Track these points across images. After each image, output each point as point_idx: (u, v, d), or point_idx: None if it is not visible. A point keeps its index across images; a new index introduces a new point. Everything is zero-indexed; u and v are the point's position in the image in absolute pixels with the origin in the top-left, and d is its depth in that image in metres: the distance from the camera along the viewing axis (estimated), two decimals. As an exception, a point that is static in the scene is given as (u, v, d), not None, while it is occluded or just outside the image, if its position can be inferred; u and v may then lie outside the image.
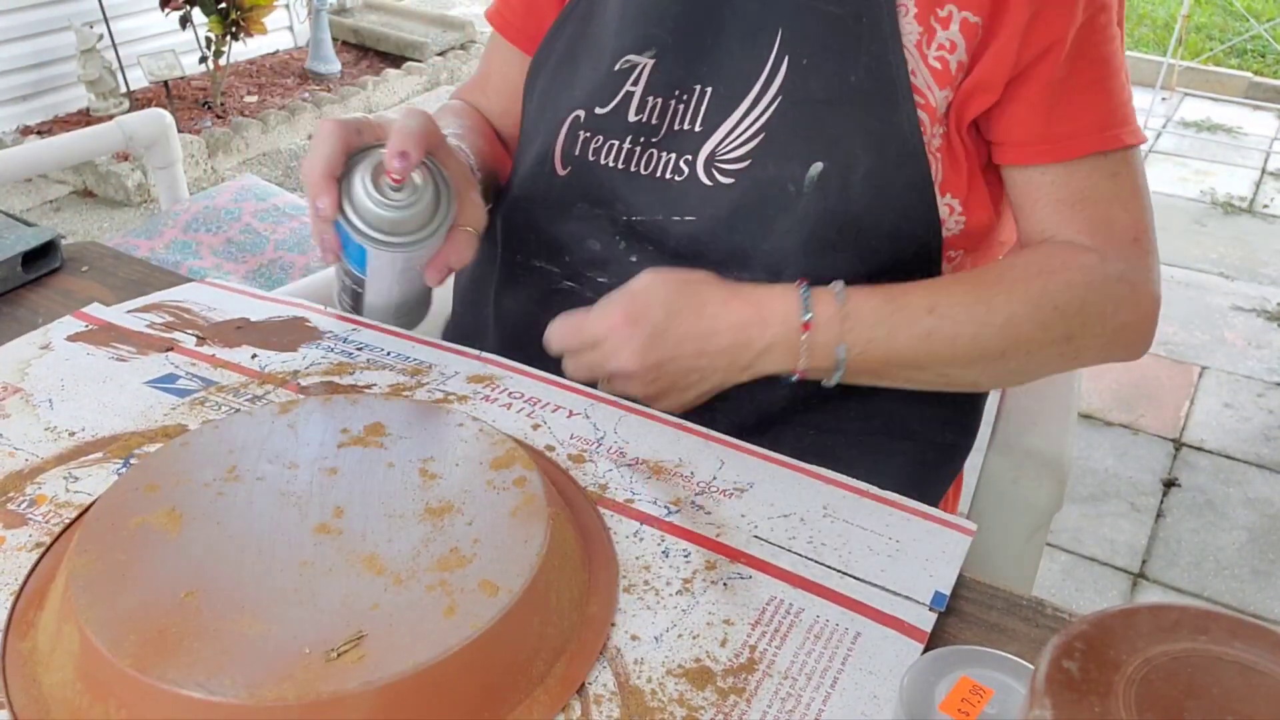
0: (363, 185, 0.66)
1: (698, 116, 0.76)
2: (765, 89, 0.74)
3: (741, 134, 0.74)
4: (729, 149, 0.75)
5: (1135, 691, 0.28)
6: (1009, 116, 0.73)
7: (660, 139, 0.76)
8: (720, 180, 0.75)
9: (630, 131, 0.77)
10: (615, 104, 0.77)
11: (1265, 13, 5.10)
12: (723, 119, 0.75)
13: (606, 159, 0.78)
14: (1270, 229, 3.22)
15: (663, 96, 0.76)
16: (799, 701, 0.46)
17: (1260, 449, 2.18)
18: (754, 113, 0.74)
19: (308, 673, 0.42)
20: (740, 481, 0.60)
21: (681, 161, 0.76)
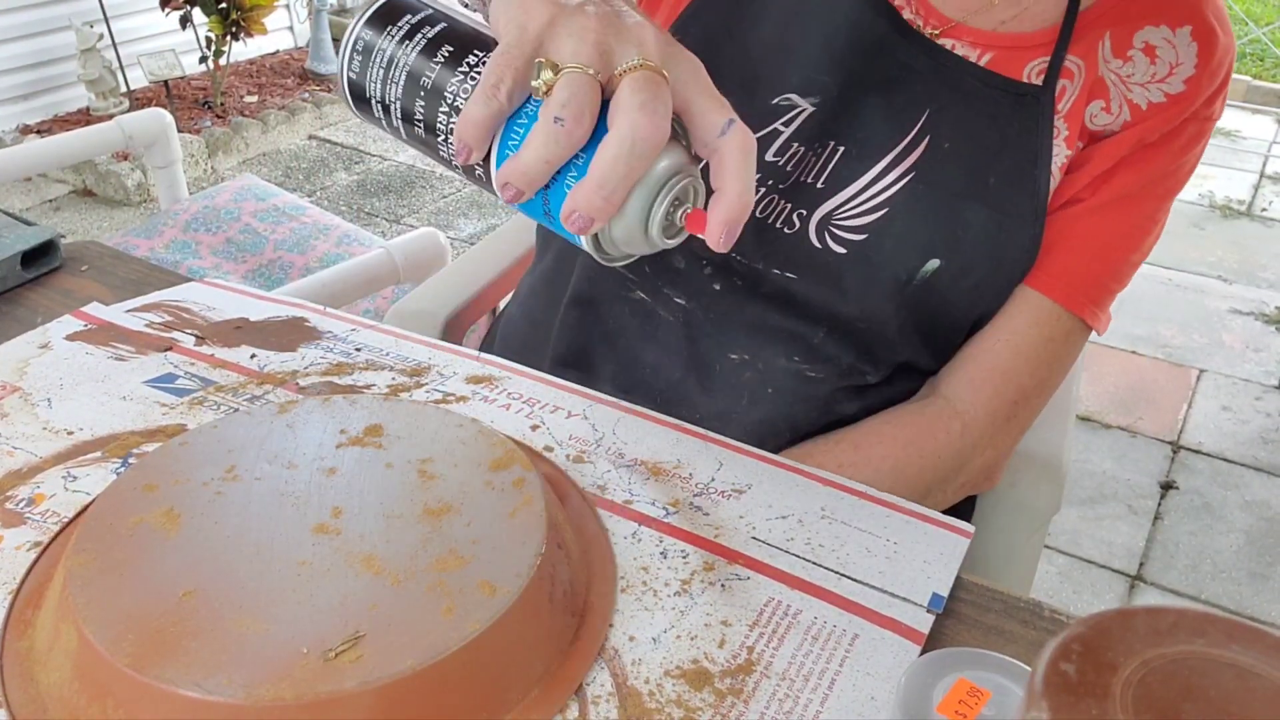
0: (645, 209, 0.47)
1: (824, 173, 0.73)
2: (898, 161, 0.72)
3: (863, 203, 0.72)
4: (847, 214, 0.72)
5: (1132, 694, 0.28)
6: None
7: (785, 186, 0.73)
8: (831, 246, 0.72)
9: (763, 169, 0.72)
10: (761, 136, 0.72)
11: (1264, 16, 5.11)
12: (848, 182, 0.72)
13: None
14: (1269, 232, 3.22)
15: (805, 146, 0.73)
16: (797, 703, 0.46)
17: (1258, 452, 2.19)
18: (881, 183, 0.72)
19: (305, 673, 0.42)
20: (739, 483, 0.60)
21: (795, 215, 0.73)
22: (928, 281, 0.71)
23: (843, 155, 0.73)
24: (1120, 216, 0.74)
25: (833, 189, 0.73)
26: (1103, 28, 0.73)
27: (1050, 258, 0.74)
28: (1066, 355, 0.77)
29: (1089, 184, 0.74)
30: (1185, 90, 0.73)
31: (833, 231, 0.73)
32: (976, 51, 0.74)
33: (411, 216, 3.09)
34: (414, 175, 3.38)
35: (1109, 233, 0.74)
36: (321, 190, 3.31)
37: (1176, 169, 0.75)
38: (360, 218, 3.12)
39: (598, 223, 0.46)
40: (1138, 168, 0.74)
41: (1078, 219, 0.74)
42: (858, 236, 0.72)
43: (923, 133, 0.72)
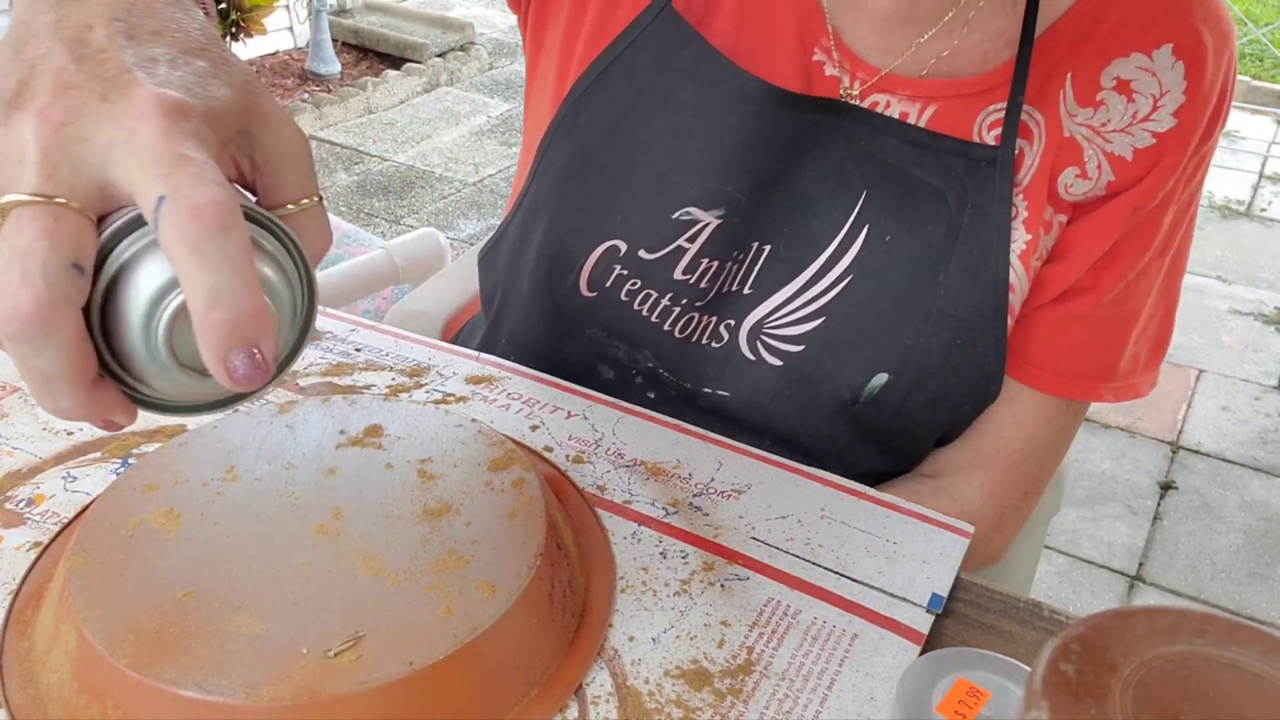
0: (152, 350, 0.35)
1: (749, 278, 0.65)
2: (834, 261, 0.63)
3: (798, 309, 0.64)
4: (780, 323, 0.65)
5: (1132, 694, 0.28)
6: (1028, 320, 0.66)
7: (705, 303, 0.66)
8: (766, 358, 0.66)
9: (673, 289, 0.66)
10: (663, 255, 0.65)
11: (1263, 17, 5.11)
12: (779, 285, 0.65)
13: (640, 306, 0.67)
14: (1268, 232, 3.22)
15: (719, 260, 0.65)
16: (796, 703, 0.46)
17: (1257, 452, 2.19)
18: (817, 287, 0.64)
19: (305, 673, 0.42)
20: (738, 483, 0.60)
21: (722, 327, 0.66)
22: (876, 398, 0.64)
23: (770, 255, 0.65)
24: (1126, 301, 0.66)
25: (762, 294, 0.65)
26: (1063, 67, 0.62)
27: (1050, 353, 0.66)
28: (1073, 432, 0.71)
29: (1090, 273, 0.64)
30: (1178, 125, 0.61)
31: (765, 341, 0.65)
32: (916, 107, 0.63)
33: (411, 217, 3.09)
34: (414, 176, 3.38)
35: (1115, 317, 0.66)
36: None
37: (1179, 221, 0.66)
38: (360, 218, 3.12)
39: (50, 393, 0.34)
40: (1140, 243, 0.64)
41: (1082, 315, 0.65)
42: (794, 348, 0.65)
43: (860, 223, 0.63)
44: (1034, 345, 0.66)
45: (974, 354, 0.63)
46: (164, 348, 0.35)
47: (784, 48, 0.65)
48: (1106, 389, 0.68)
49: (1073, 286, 0.65)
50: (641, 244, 0.66)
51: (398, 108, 3.94)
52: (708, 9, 0.66)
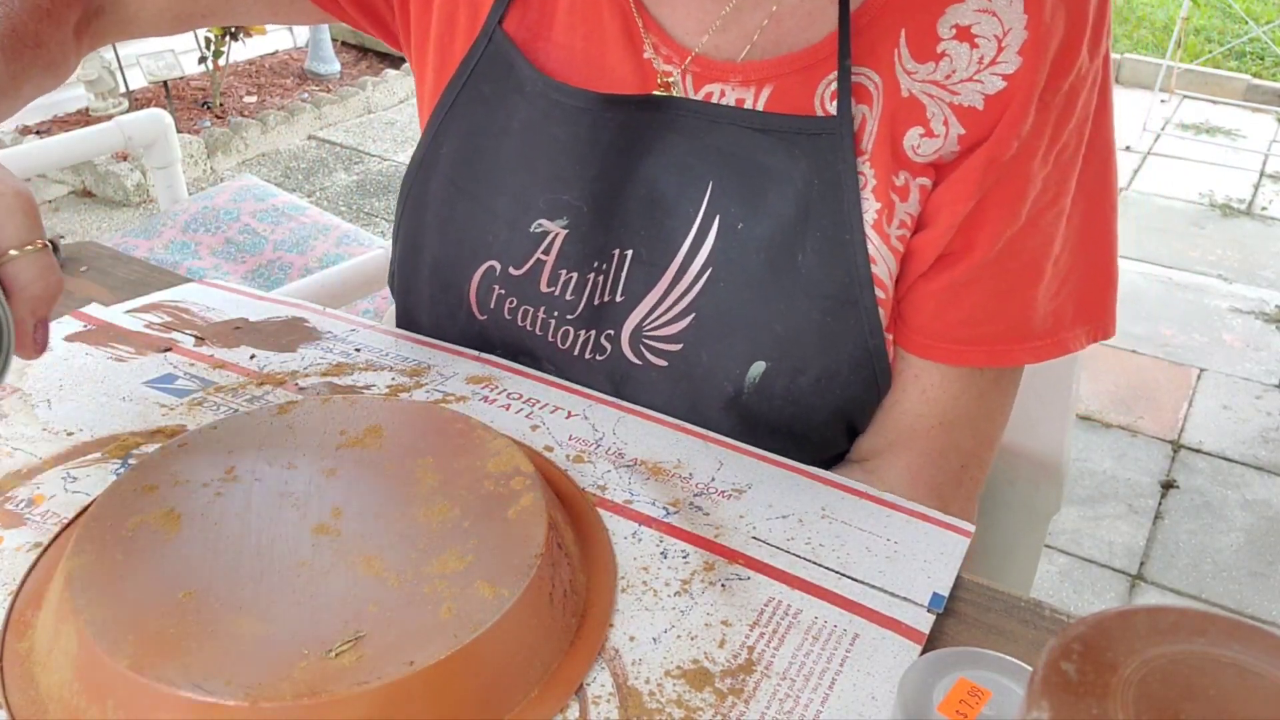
0: None
1: (619, 286, 0.65)
2: (692, 256, 0.63)
3: (669, 310, 0.64)
4: (655, 325, 0.65)
5: (1133, 693, 0.28)
6: (911, 296, 0.65)
7: (576, 316, 0.67)
8: (651, 360, 0.66)
9: (544, 302, 0.67)
10: (528, 269, 0.67)
11: (1264, 15, 5.11)
12: (647, 289, 0.65)
13: (524, 322, 0.69)
14: (1269, 231, 3.22)
15: (578, 271, 0.66)
16: (797, 702, 0.46)
17: (1258, 451, 2.19)
18: (681, 284, 0.64)
19: (306, 673, 0.42)
20: (739, 482, 0.60)
21: (603, 339, 0.67)
22: (759, 388, 0.63)
23: (633, 260, 0.65)
24: (1009, 254, 0.62)
25: (633, 300, 0.65)
26: (895, 24, 0.59)
27: (944, 323, 0.64)
28: (1006, 398, 0.68)
29: (960, 236, 0.62)
30: (1023, 64, 0.58)
31: (647, 344, 0.65)
32: (751, 92, 0.62)
33: (411, 217, 3.09)
34: (414, 175, 3.38)
35: (1011, 274, 0.63)
36: (321, 190, 3.31)
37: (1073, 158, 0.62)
38: (360, 218, 3.12)
39: None
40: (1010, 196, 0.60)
41: (966, 280, 0.62)
42: (673, 347, 0.65)
43: (710, 214, 0.62)
44: (925, 317, 0.64)
45: (847, 330, 0.62)
46: None
47: (616, 51, 0.65)
48: (1023, 349, 0.64)
49: (947, 253, 0.62)
50: (510, 261, 0.68)
51: (397, 107, 3.94)
52: (539, 25, 0.67)
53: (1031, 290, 0.63)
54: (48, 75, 0.66)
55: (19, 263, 0.46)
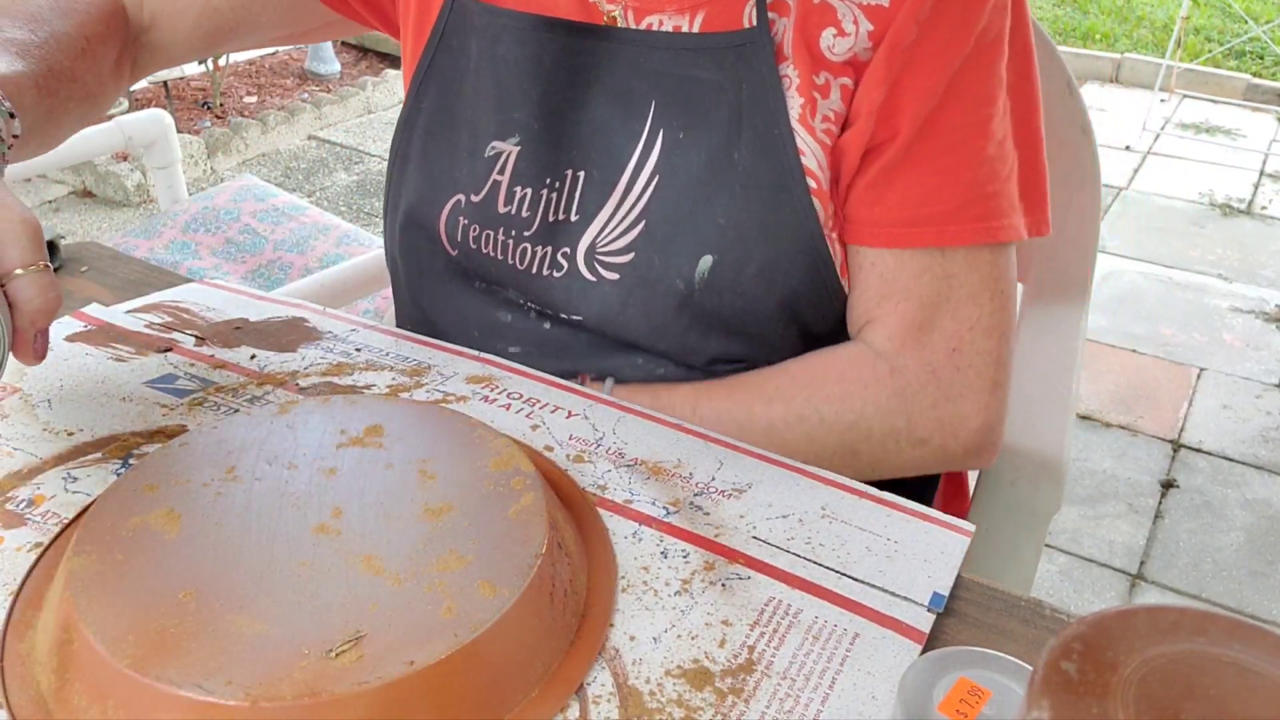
0: None
1: (573, 204, 0.70)
2: (640, 169, 0.68)
3: (621, 222, 0.69)
4: (609, 240, 0.69)
5: (1133, 693, 0.28)
6: (852, 189, 0.68)
7: (533, 233, 0.71)
8: (604, 275, 0.69)
9: (502, 224, 0.72)
10: (486, 193, 0.72)
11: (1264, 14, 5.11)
12: (599, 207, 0.69)
13: (488, 249, 0.73)
14: (1269, 231, 3.22)
15: (531, 187, 0.71)
16: (797, 702, 0.46)
17: (1258, 450, 2.19)
18: (631, 197, 0.68)
19: (306, 673, 0.42)
20: (739, 482, 0.60)
21: (560, 255, 0.71)
22: (709, 282, 0.67)
23: (586, 180, 0.69)
24: (935, 135, 0.65)
25: (587, 218, 0.69)
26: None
27: (888, 209, 0.66)
28: (988, 280, 0.68)
29: (883, 125, 0.65)
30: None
31: (601, 260, 0.69)
32: (685, 18, 0.67)
33: (411, 217, 3.09)
34: (414, 175, 3.38)
35: (942, 154, 0.66)
36: (321, 190, 3.31)
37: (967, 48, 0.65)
38: (360, 218, 3.12)
39: None
40: (922, 79, 0.64)
41: (896, 162, 0.66)
42: (624, 258, 0.69)
43: (655, 129, 0.68)
44: (866, 208, 0.68)
45: (783, 219, 0.66)
46: None
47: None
48: (975, 229, 0.66)
49: (874, 144, 0.66)
50: (469, 189, 0.73)
51: (397, 107, 3.93)
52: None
53: (970, 171, 0.66)
54: (88, 109, 0.72)
55: (21, 280, 0.52)
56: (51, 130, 0.68)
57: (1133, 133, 3.89)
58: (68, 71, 0.68)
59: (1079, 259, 1.05)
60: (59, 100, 0.67)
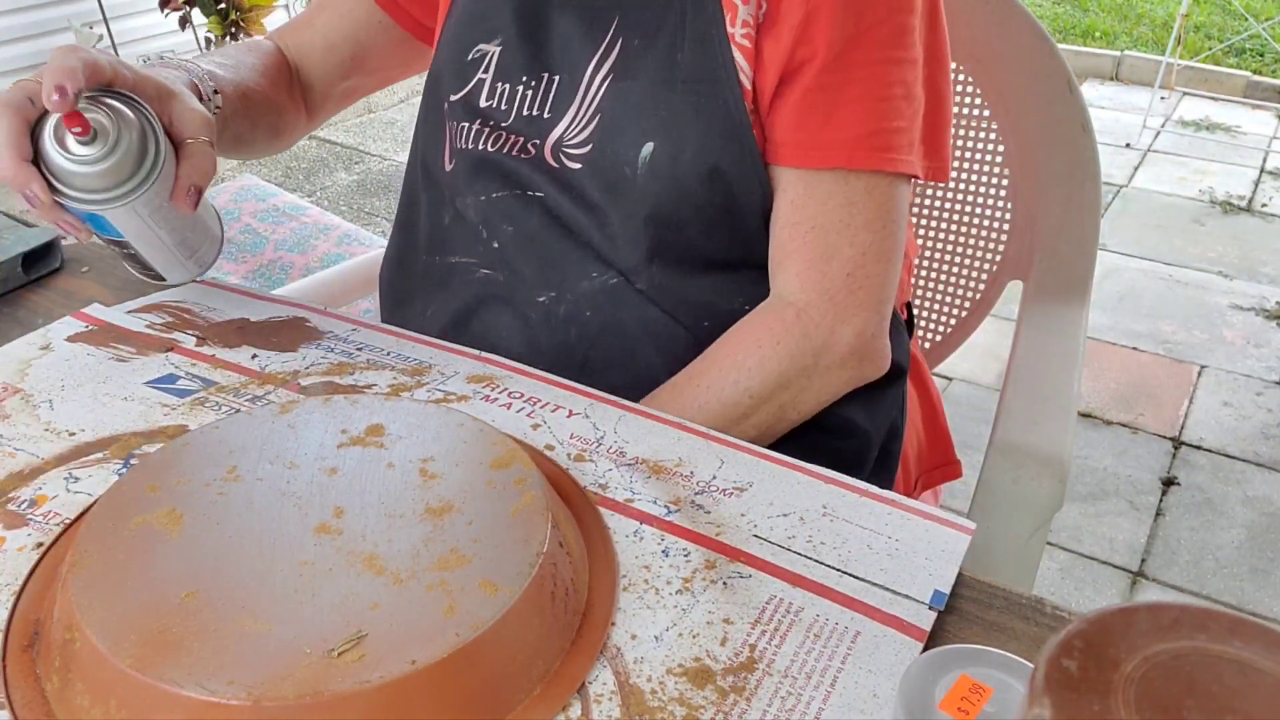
0: (56, 152, 0.61)
1: (546, 103, 0.79)
2: (598, 70, 0.76)
3: (582, 118, 0.77)
4: (574, 134, 0.77)
5: (1134, 690, 0.28)
6: (773, 111, 0.74)
7: (509, 123, 0.80)
8: (567, 164, 0.78)
9: (480, 115, 0.81)
10: (469, 89, 0.81)
11: (1264, 11, 5.10)
12: (567, 105, 0.77)
13: (467, 143, 0.81)
14: (1269, 228, 3.22)
15: (510, 83, 0.80)
16: (799, 700, 0.46)
17: (1259, 447, 2.19)
18: (589, 94, 0.77)
19: (308, 672, 0.42)
20: (740, 481, 0.60)
21: (530, 144, 0.79)
22: (650, 166, 0.74)
23: (559, 84, 0.78)
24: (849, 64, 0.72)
25: (557, 115, 0.78)
26: None
27: (803, 130, 0.73)
28: (881, 212, 0.75)
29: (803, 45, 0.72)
30: None
31: (566, 152, 0.78)
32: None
33: (411, 216, 3.09)
34: (414, 175, 3.38)
35: (850, 84, 0.72)
36: (321, 190, 3.31)
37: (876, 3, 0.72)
38: (360, 217, 3.11)
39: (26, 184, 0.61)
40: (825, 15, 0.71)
41: (810, 84, 0.72)
42: (585, 149, 0.77)
43: (614, 38, 0.76)
44: (781, 127, 0.74)
45: (717, 109, 0.73)
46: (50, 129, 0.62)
47: None
48: (880, 157, 0.73)
49: (795, 64, 0.72)
50: (451, 89, 0.83)
51: (398, 106, 3.94)
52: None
53: (877, 105, 0.73)
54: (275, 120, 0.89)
55: (191, 146, 0.67)
56: (247, 128, 0.84)
57: (1133, 130, 3.88)
58: (256, 88, 0.86)
59: (1079, 257, 1.05)
60: (251, 104, 0.84)
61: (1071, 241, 1.05)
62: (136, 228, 0.66)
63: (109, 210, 0.63)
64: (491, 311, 0.81)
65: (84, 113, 0.61)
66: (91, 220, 0.65)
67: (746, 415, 0.74)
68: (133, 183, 0.63)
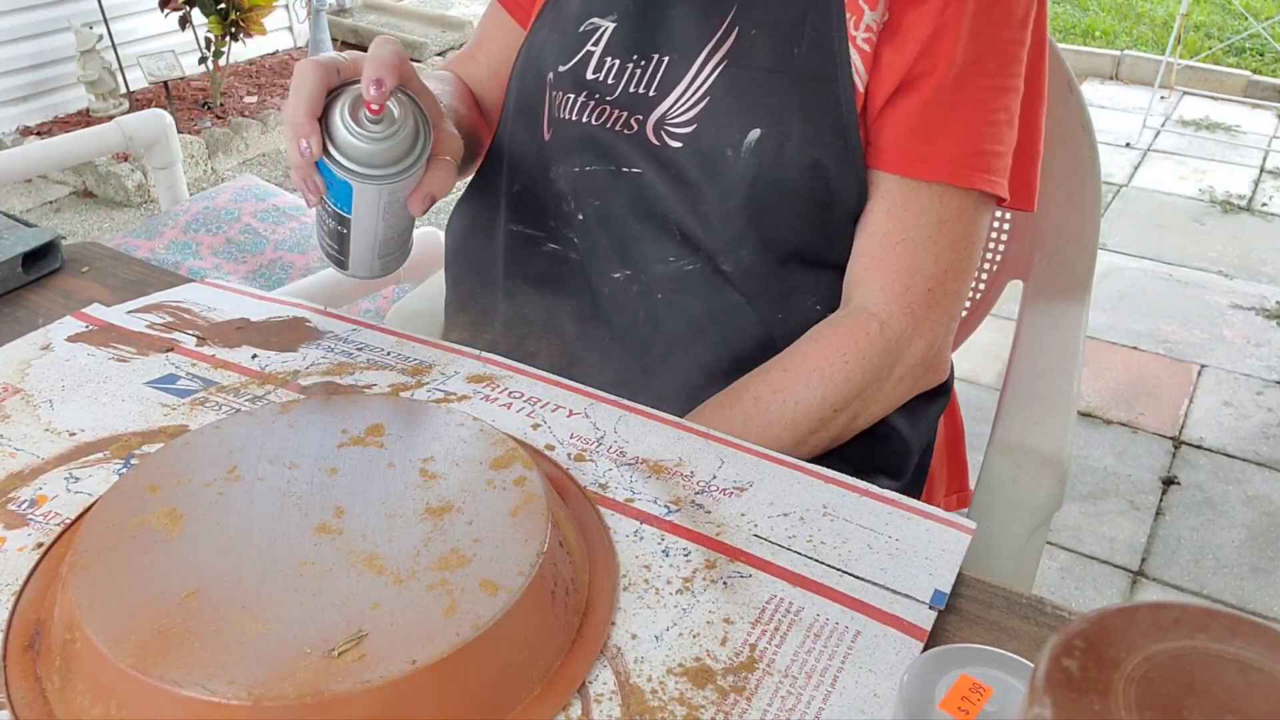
0: (342, 120, 0.66)
1: (653, 82, 0.79)
2: (712, 55, 0.77)
3: (689, 98, 0.78)
4: (678, 114, 0.78)
5: (1135, 689, 0.28)
6: (882, 117, 0.76)
7: (615, 97, 0.81)
8: (668, 143, 0.78)
9: (585, 88, 0.81)
10: (577, 61, 0.82)
11: (1264, 11, 5.10)
12: (674, 85, 0.78)
13: (567, 113, 0.82)
14: (1269, 227, 3.22)
15: (620, 59, 0.81)
16: (799, 700, 0.46)
17: (1259, 447, 2.19)
18: (700, 77, 0.78)
19: (308, 672, 0.42)
20: (740, 480, 0.60)
21: (633, 120, 0.80)
22: (755, 152, 0.75)
23: (668, 63, 0.79)
24: (965, 85, 0.74)
25: (663, 94, 0.79)
26: None
27: (911, 141, 0.75)
28: (968, 231, 0.77)
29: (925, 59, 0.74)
30: None
31: (668, 130, 0.79)
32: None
33: (411, 216, 3.09)
34: (414, 175, 3.38)
35: (962, 104, 0.75)
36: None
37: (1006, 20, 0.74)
38: (360, 217, 3.11)
39: (306, 137, 0.65)
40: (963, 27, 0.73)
41: (926, 98, 0.74)
42: (688, 129, 0.78)
43: (731, 26, 0.77)
44: (894, 137, 0.76)
45: (828, 105, 0.75)
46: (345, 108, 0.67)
47: None
48: (979, 177, 0.75)
49: (913, 76, 0.74)
50: (559, 61, 0.83)
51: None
52: None
53: (983, 127, 0.75)
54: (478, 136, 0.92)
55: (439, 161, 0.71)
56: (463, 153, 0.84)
57: (1133, 130, 3.88)
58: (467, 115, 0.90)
59: (1079, 256, 1.05)
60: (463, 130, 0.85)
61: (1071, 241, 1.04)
62: (368, 210, 0.70)
63: (365, 185, 0.68)
64: (565, 282, 0.83)
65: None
66: (338, 189, 0.69)
67: (824, 425, 0.75)
68: (395, 168, 0.68)
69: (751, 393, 0.75)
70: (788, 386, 0.74)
